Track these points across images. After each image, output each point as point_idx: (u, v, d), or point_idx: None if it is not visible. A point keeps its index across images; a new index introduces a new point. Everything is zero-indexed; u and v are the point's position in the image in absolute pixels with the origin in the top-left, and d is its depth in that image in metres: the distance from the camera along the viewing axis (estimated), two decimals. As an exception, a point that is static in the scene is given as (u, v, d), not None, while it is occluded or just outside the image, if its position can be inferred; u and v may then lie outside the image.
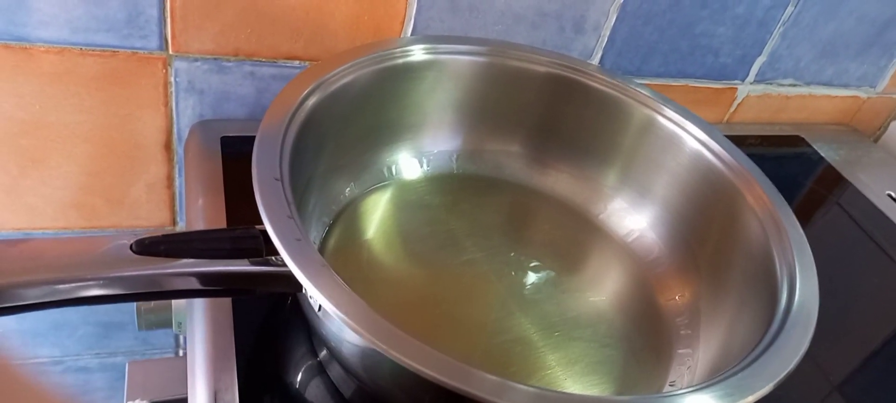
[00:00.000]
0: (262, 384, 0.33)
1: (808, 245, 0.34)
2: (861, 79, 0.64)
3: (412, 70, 0.40)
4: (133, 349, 0.60)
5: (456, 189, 0.44)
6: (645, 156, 0.42)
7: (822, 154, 0.63)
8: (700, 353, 0.37)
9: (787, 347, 0.29)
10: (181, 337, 0.61)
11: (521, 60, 0.42)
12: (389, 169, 0.43)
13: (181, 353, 0.62)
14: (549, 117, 0.44)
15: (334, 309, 0.24)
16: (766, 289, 0.33)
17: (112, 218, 0.50)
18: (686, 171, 0.41)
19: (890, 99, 0.68)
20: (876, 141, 0.71)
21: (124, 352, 0.60)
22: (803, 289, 0.31)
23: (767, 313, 0.32)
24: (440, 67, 0.41)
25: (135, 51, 0.42)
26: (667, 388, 0.36)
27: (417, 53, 0.39)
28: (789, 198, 0.37)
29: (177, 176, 0.49)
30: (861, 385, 0.42)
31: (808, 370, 0.41)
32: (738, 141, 0.40)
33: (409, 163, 0.44)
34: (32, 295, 0.23)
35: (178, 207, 0.51)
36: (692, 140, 0.40)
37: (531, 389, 0.24)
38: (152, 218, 0.51)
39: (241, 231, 0.28)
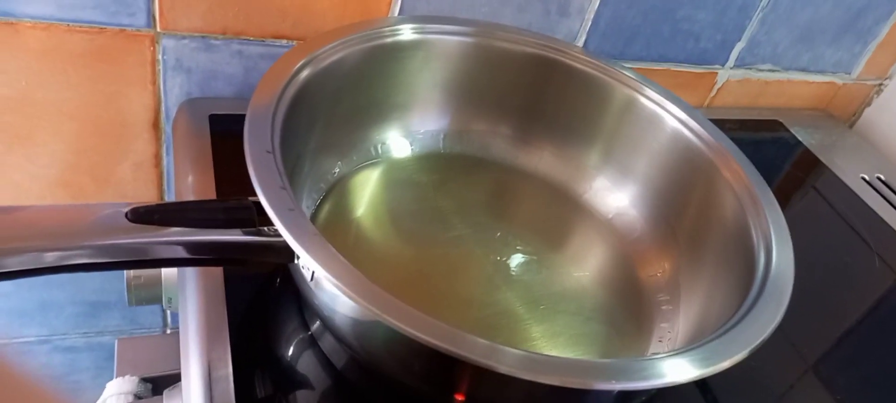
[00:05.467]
0: (255, 357, 0.34)
1: (783, 217, 0.35)
2: (837, 65, 0.66)
3: (401, 49, 0.40)
4: (120, 327, 0.60)
5: (443, 168, 0.45)
6: (626, 136, 0.43)
7: (800, 138, 0.64)
8: (680, 326, 0.38)
9: (763, 315, 0.30)
10: (169, 315, 0.61)
11: (507, 41, 0.43)
12: (377, 147, 0.44)
13: (168, 331, 0.62)
14: (534, 97, 0.45)
15: (327, 274, 0.25)
16: (743, 261, 0.34)
17: (99, 196, 0.50)
18: (666, 150, 0.42)
19: (864, 85, 0.70)
20: (851, 126, 0.73)
21: (112, 331, 0.60)
22: (779, 259, 0.33)
23: (744, 283, 0.33)
24: (428, 47, 0.41)
25: (122, 28, 0.42)
26: (647, 358, 0.37)
27: (406, 33, 0.40)
28: (767, 181, 0.38)
29: (165, 154, 0.49)
30: (835, 363, 0.43)
31: (782, 349, 0.42)
32: (718, 125, 0.41)
33: (397, 142, 0.44)
34: (28, 262, 0.24)
35: (165, 186, 0.51)
36: (672, 119, 0.41)
37: (519, 352, 0.25)
38: (139, 197, 0.51)
39: (234, 201, 0.29)
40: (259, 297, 0.37)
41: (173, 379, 0.47)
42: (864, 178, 0.62)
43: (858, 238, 0.55)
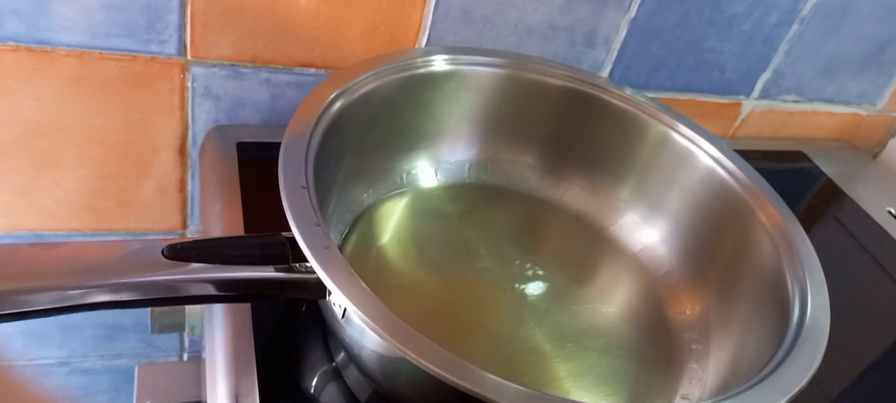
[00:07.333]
0: (281, 388, 0.34)
1: (818, 263, 0.35)
2: (861, 97, 0.66)
3: (433, 79, 0.40)
4: (138, 351, 0.60)
5: (470, 198, 0.45)
6: (659, 172, 0.43)
7: (823, 169, 0.64)
8: (711, 367, 0.37)
9: (799, 362, 0.30)
10: (187, 341, 0.61)
11: (538, 73, 0.43)
12: (403, 177, 0.44)
13: (186, 356, 0.62)
14: (563, 130, 0.45)
15: (364, 316, 0.25)
16: (776, 306, 0.34)
17: (122, 221, 0.51)
18: (698, 187, 0.41)
19: (888, 116, 0.69)
20: (875, 157, 0.73)
21: (129, 354, 0.60)
22: (815, 306, 0.32)
23: (778, 329, 0.32)
24: (460, 78, 0.41)
25: (153, 56, 0.43)
26: (678, 401, 0.36)
27: (439, 63, 0.40)
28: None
29: (189, 180, 0.49)
30: (857, 398, 0.42)
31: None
32: (741, 156, 0.41)
33: (424, 172, 0.44)
34: (66, 299, 0.24)
35: (189, 211, 0.51)
36: (705, 156, 0.41)
37: (560, 399, 0.25)
38: (162, 222, 0.52)
39: (268, 237, 0.29)
40: (285, 328, 0.36)
41: (194, 407, 0.47)
42: (890, 212, 0.61)
43: (882, 270, 0.54)
